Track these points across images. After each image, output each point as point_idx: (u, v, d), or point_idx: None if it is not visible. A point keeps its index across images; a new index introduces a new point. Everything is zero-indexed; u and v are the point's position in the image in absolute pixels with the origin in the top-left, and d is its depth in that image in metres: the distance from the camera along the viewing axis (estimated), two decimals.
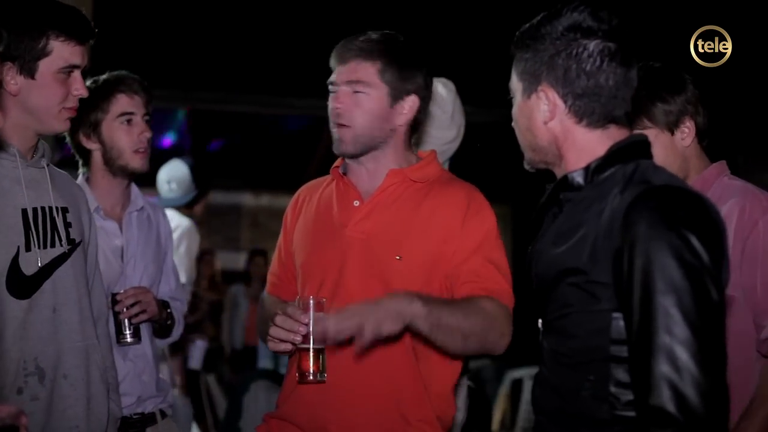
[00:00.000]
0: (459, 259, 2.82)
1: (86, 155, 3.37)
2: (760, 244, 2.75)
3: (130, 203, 3.40)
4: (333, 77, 2.88)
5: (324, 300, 2.71)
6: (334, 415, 2.83)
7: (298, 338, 2.68)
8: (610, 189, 2.04)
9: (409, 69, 2.90)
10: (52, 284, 2.65)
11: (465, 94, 4.00)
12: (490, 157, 6.65)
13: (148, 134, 3.33)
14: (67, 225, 2.72)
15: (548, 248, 2.14)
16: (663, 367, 1.87)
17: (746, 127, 6.02)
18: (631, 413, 1.98)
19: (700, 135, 2.91)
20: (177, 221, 5.25)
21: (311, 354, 2.69)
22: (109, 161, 3.32)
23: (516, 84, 2.19)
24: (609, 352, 2.00)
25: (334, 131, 2.89)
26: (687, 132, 2.87)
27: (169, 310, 3.42)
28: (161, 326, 3.42)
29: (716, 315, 1.92)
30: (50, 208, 2.68)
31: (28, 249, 2.61)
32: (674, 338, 1.87)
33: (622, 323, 1.99)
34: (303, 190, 3.09)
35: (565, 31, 2.09)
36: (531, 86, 2.15)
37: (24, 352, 2.59)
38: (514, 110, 2.22)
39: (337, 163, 2.99)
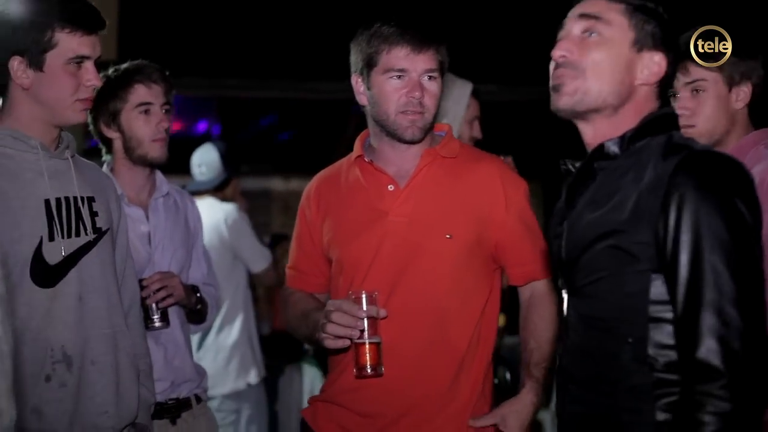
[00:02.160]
0: (508, 232, 2.91)
1: (108, 144, 3.39)
2: None
3: (156, 190, 3.41)
4: (405, 64, 2.85)
5: (376, 293, 2.75)
6: (390, 396, 2.85)
7: (357, 333, 2.71)
8: (648, 156, 2.09)
9: (446, 51, 2.94)
10: (78, 273, 2.67)
11: (493, 73, 4.01)
12: (520, 134, 6.63)
13: (165, 124, 3.33)
14: (93, 214, 2.74)
15: (582, 216, 2.16)
16: (711, 322, 1.93)
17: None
18: (670, 376, 2.02)
19: (752, 107, 2.93)
20: (224, 210, 5.35)
21: (368, 348, 2.72)
22: (128, 150, 3.34)
23: (623, 29, 2.19)
24: (648, 313, 2.04)
25: (404, 117, 2.86)
26: (742, 96, 2.89)
27: (198, 295, 3.42)
28: (191, 311, 3.42)
29: (759, 273, 1.99)
30: (75, 197, 2.70)
31: (51, 239, 2.63)
32: (723, 294, 1.93)
33: (660, 283, 2.03)
34: (319, 181, 3.07)
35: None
36: (649, 44, 2.19)
37: (51, 340, 2.62)
38: (610, 51, 2.18)
39: (359, 150, 2.97)
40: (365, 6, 7.47)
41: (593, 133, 2.20)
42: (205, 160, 5.55)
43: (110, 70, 3.35)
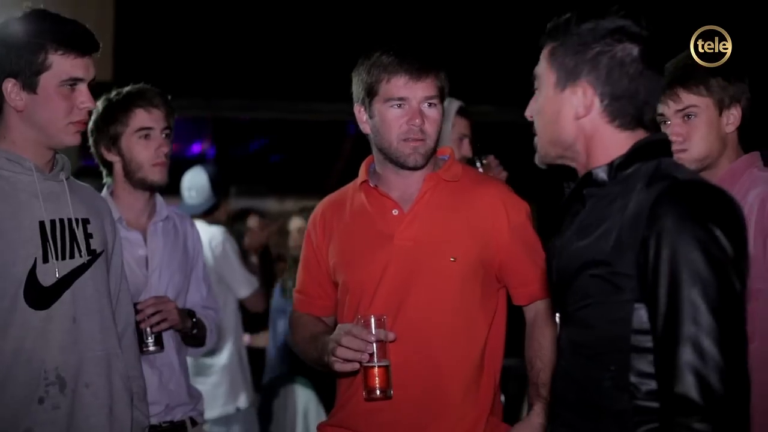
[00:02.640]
0: (511, 253, 2.93)
1: (109, 167, 3.39)
2: None
3: (155, 213, 3.41)
4: (405, 93, 2.88)
5: (385, 317, 2.78)
6: (398, 417, 2.86)
7: (366, 357, 2.74)
8: (634, 184, 2.07)
9: (445, 77, 2.97)
10: (72, 295, 2.66)
11: (487, 94, 4.01)
12: (513, 156, 6.64)
13: (165, 149, 3.34)
14: (88, 236, 2.73)
15: (571, 242, 2.16)
16: (689, 356, 1.90)
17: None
18: (651, 403, 2.00)
19: (742, 129, 2.90)
20: (210, 233, 5.31)
21: (377, 371, 2.75)
22: (129, 174, 3.34)
23: (546, 74, 2.18)
24: (630, 342, 2.02)
25: (406, 145, 2.89)
26: (732, 119, 2.87)
27: (194, 319, 3.41)
28: (187, 335, 3.41)
29: (739, 306, 1.95)
30: (69, 219, 2.69)
31: (45, 260, 2.62)
32: (700, 328, 1.90)
33: (643, 313, 2.01)
34: (325, 206, 3.10)
35: (611, 33, 2.11)
36: (567, 80, 2.15)
37: (45, 362, 2.60)
38: (540, 100, 2.21)
39: (363, 176, 3.02)
40: (360, 28, 7.51)
41: (579, 166, 2.20)
42: (194, 184, 5.53)
43: (112, 94, 3.36)
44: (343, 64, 3.03)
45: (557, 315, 2.24)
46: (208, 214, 5.51)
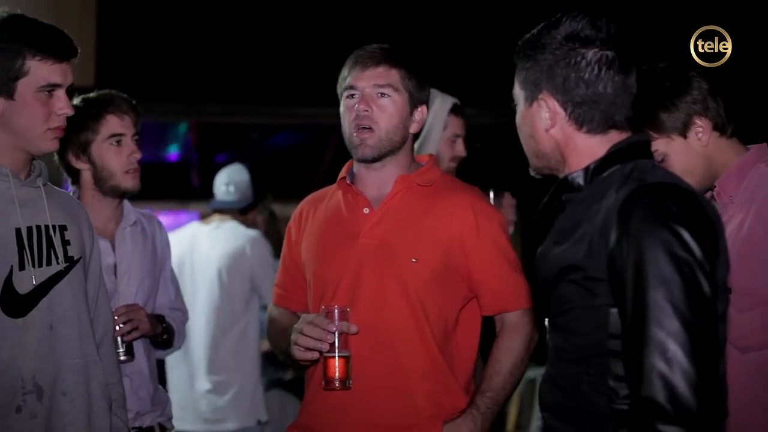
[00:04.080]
0: (478, 261, 2.93)
1: (75, 174, 3.33)
2: None
3: (123, 219, 3.36)
4: (353, 81, 2.91)
5: (348, 309, 2.80)
6: (357, 417, 2.88)
7: (326, 346, 2.75)
8: (608, 188, 2.06)
9: (423, 80, 3.00)
10: (49, 302, 2.62)
11: (470, 97, 4.01)
12: (496, 159, 6.65)
13: (137, 155, 3.30)
14: (65, 243, 2.68)
15: (550, 248, 2.16)
16: (654, 360, 1.89)
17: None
18: (628, 407, 1.99)
19: (720, 128, 2.76)
20: (247, 237, 5.15)
21: (337, 361, 2.77)
22: (99, 181, 3.28)
23: (518, 92, 2.22)
24: (607, 346, 2.02)
25: (355, 135, 2.92)
26: (701, 131, 2.73)
27: (164, 324, 3.38)
28: (157, 340, 3.38)
29: (707, 308, 1.93)
30: (46, 226, 2.64)
31: (21, 268, 2.58)
32: (665, 331, 1.89)
33: (618, 317, 2.00)
34: (305, 203, 3.13)
35: (563, 41, 2.13)
36: (532, 95, 2.18)
37: (22, 370, 2.56)
38: (518, 118, 2.24)
39: (343, 173, 3.04)
40: (343, 31, 7.50)
41: (562, 174, 2.22)
42: (234, 179, 5.37)
43: (77, 101, 3.28)
44: (324, 70, 3.06)
45: (546, 321, 2.23)
46: (243, 213, 5.35)
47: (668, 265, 1.90)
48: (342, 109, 2.96)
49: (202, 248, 5.14)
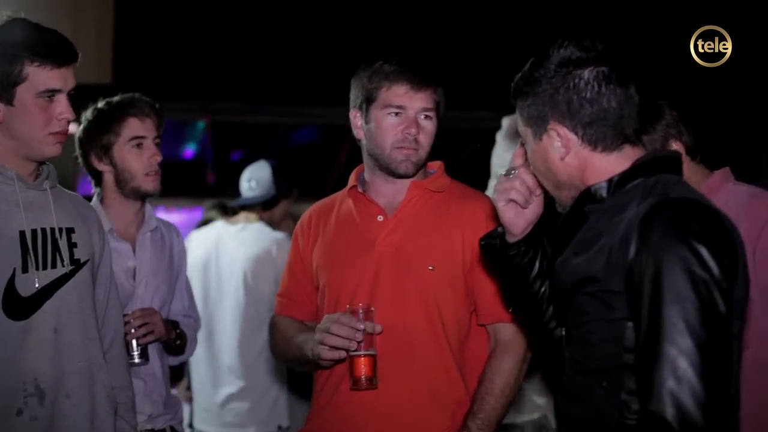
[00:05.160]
0: (481, 268, 2.89)
1: (98, 177, 3.34)
2: None
3: (144, 223, 3.36)
4: (402, 101, 2.90)
5: (373, 309, 2.78)
6: (370, 421, 2.85)
7: (354, 345, 2.74)
8: (630, 201, 2.05)
9: (443, 93, 2.99)
10: (54, 305, 2.59)
11: (485, 100, 4.02)
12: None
13: (158, 157, 3.30)
14: (72, 245, 2.66)
15: (569, 258, 2.14)
16: (665, 377, 1.87)
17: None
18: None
19: (691, 152, 2.89)
20: (273, 239, 5.08)
21: (364, 360, 2.75)
22: (121, 183, 3.29)
23: (525, 130, 2.21)
24: (622, 360, 2.00)
25: (398, 151, 2.90)
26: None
27: (178, 331, 3.38)
28: (170, 346, 3.37)
29: (722, 328, 1.91)
30: (52, 229, 2.62)
31: (25, 270, 2.55)
32: (678, 349, 1.87)
33: (634, 331, 1.98)
34: (313, 211, 3.10)
35: (557, 68, 2.13)
36: (540, 129, 2.16)
37: (24, 373, 2.53)
38: (530, 156, 2.23)
39: (352, 181, 3.03)
40: (359, 34, 7.52)
41: None
42: (255, 175, 5.30)
43: (101, 104, 3.31)
44: (338, 70, 3.05)
45: (563, 331, 2.21)
46: (266, 209, 5.25)
47: (685, 283, 1.89)
48: (378, 122, 2.92)
49: (228, 250, 5.09)
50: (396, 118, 2.90)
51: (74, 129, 3.19)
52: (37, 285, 2.57)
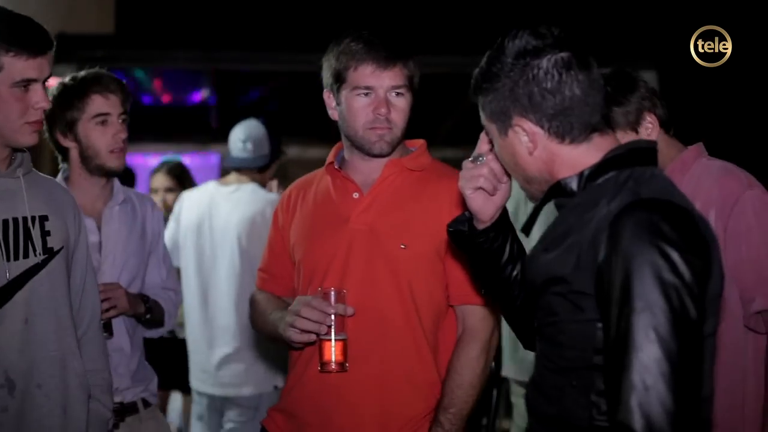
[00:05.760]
0: (452, 251, 2.84)
1: (65, 153, 3.32)
2: (742, 221, 2.76)
3: (112, 198, 3.34)
4: (369, 81, 2.83)
5: (345, 291, 2.76)
6: (339, 403, 2.84)
7: (324, 329, 2.72)
8: (601, 198, 1.98)
9: (417, 66, 2.93)
10: (25, 295, 2.56)
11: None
12: None
13: (123, 135, 3.27)
14: (45, 234, 2.63)
15: (538, 254, 2.09)
16: (632, 385, 1.83)
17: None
18: (607, 424, 1.94)
19: (665, 125, 2.91)
20: (266, 201, 4.99)
21: (335, 344, 2.74)
22: (85, 160, 3.28)
23: (489, 126, 2.14)
24: (592, 361, 1.97)
25: (371, 132, 2.86)
26: (651, 127, 2.87)
27: (148, 304, 3.35)
28: (140, 320, 3.36)
29: (693, 335, 1.86)
30: (24, 218, 2.59)
31: None
32: (647, 358, 1.82)
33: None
34: (293, 188, 3.09)
35: (514, 61, 2.04)
36: (504, 124, 2.09)
37: None
38: (497, 151, 2.16)
39: (331, 158, 2.99)
40: None
41: None
42: (252, 135, 5.10)
43: (67, 79, 3.28)
44: (338, 16, 3.05)
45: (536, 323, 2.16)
46: (260, 171, 5.11)
47: (655, 290, 1.83)
48: (349, 104, 2.87)
49: (221, 212, 5.01)
50: (366, 99, 2.84)
51: None
52: (8, 276, 2.54)
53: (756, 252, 2.74)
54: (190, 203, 5.09)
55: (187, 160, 9.72)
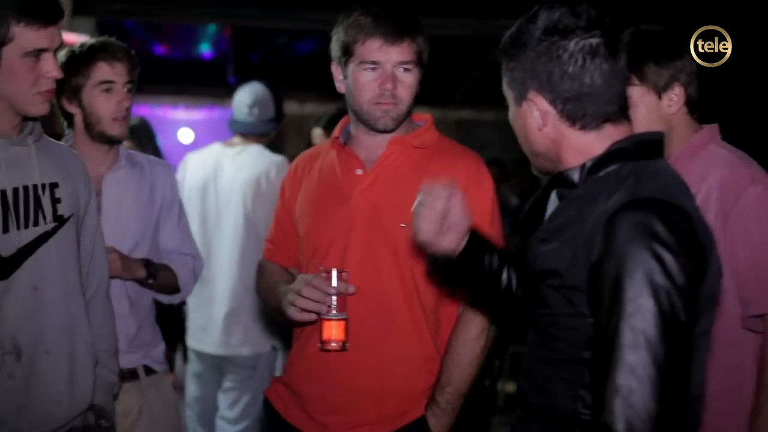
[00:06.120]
0: None
1: (70, 118, 3.34)
2: (741, 220, 2.67)
3: (116, 163, 3.35)
4: (376, 56, 2.81)
5: (347, 271, 2.76)
6: (338, 379, 2.86)
7: (324, 308, 2.73)
8: (600, 193, 1.96)
9: (426, 42, 2.91)
10: (34, 262, 2.57)
11: (508, 9, 4.00)
12: None
13: (126, 103, 3.28)
14: (55, 201, 2.64)
15: (536, 243, 2.08)
16: (618, 389, 1.81)
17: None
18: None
19: (691, 106, 2.81)
20: (270, 162, 4.97)
21: (335, 323, 2.74)
22: (88, 126, 3.29)
23: (507, 92, 2.12)
24: (582, 355, 1.96)
25: (376, 107, 2.84)
26: (675, 99, 2.77)
27: (150, 269, 3.33)
28: (143, 284, 3.35)
29: (680, 340, 1.84)
30: (34, 186, 2.60)
31: (6, 230, 2.53)
32: (633, 360, 1.81)
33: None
34: (300, 160, 3.10)
35: (542, 35, 2.01)
36: (520, 95, 2.07)
37: (1, 332, 2.52)
38: (510, 117, 2.14)
39: (336, 132, 2.99)
40: None
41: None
42: (259, 100, 5.10)
43: (76, 46, 3.28)
44: None
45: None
46: (262, 137, 5.10)
47: (645, 293, 1.82)
48: (355, 78, 2.84)
49: (226, 173, 5.02)
50: (373, 73, 2.82)
51: None
52: (18, 244, 2.56)
53: (754, 255, 2.67)
54: (195, 165, 5.10)
55: (198, 114, 9.78)
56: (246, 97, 5.13)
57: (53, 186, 2.65)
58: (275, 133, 5.26)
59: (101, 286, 2.85)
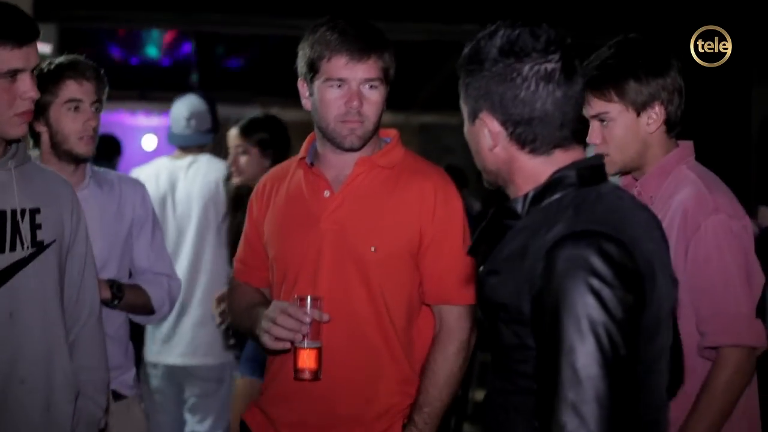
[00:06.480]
0: (428, 247, 2.82)
1: (36, 137, 3.28)
2: (701, 250, 2.64)
3: (81, 183, 3.29)
4: (342, 74, 2.75)
5: (321, 298, 2.71)
6: (312, 404, 2.83)
7: (299, 337, 2.69)
8: (543, 224, 1.92)
9: (393, 58, 2.86)
10: (10, 289, 2.50)
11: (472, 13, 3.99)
12: None
13: (93, 123, 3.24)
14: (35, 227, 2.57)
15: (484, 277, 2.04)
16: (561, 425, 1.78)
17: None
18: None
19: (669, 125, 2.76)
20: (223, 167, 4.93)
21: (308, 353, 2.71)
22: (55, 145, 3.24)
23: (462, 106, 2.08)
24: (533, 387, 1.91)
25: (342, 125, 2.79)
26: (654, 118, 2.72)
27: (113, 290, 3.26)
28: (107, 306, 3.23)
29: (623, 374, 1.81)
30: (13, 211, 2.53)
31: None
32: (573, 398, 1.78)
33: None
34: (267, 179, 3.04)
35: (498, 56, 1.95)
36: (474, 112, 2.02)
37: None
38: (465, 132, 2.10)
39: (302, 152, 2.93)
40: None
41: (511, 194, 2.07)
42: (195, 111, 5.12)
43: (45, 64, 3.21)
44: None
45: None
46: (200, 148, 5.12)
47: (584, 329, 1.78)
48: (321, 95, 2.78)
49: (182, 184, 5.02)
50: (338, 90, 2.76)
51: None
52: None
53: (712, 285, 2.63)
54: (146, 180, 4.92)
55: (157, 120, 9.70)
56: (183, 109, 5.14)
57: (34, 211, 2.58)
58: (213, 145, 5.26)
59: (92, 316, 2.75)
